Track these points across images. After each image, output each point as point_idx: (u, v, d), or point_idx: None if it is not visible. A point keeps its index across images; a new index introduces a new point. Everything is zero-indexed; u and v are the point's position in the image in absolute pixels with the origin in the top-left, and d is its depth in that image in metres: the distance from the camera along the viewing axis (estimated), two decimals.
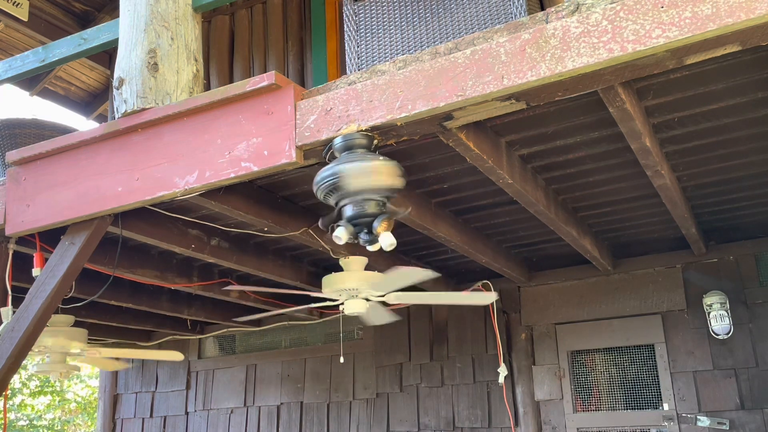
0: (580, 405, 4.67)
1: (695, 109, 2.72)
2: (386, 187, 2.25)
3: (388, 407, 5.25)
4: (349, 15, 3.17)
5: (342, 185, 2.20)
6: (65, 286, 2.87)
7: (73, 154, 2.87)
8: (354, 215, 2.25)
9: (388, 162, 2.24)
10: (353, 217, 2.25)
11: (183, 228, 3.44)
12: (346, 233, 2.24)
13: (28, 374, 12.71)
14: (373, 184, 2.21)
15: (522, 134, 2.85)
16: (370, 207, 2.24)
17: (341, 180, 2.19)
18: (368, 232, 2.25)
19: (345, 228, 2.25)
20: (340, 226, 2.25)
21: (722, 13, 1.78)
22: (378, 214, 2.24)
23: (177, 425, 6.11)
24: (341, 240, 2.25)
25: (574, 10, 1.98)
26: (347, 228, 2.25)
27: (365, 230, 2.25)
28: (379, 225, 2.21)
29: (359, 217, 2.24)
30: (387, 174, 2.22)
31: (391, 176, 2.24)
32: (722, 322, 4.27)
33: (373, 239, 2.25)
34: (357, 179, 2.19)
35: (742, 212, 4.11)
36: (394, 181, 2.25)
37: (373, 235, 2.24)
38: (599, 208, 3.85)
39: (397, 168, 2.26)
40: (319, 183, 2.25)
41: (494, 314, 4.88)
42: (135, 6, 2.83)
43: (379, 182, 2.21)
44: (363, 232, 2.25)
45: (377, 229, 2.22)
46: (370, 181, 2.19)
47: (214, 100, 2.53)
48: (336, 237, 2.25)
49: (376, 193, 2.24)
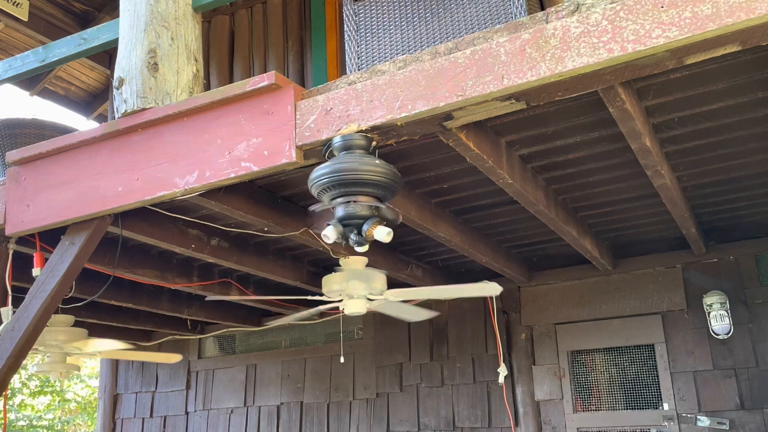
0: (580, 405, 4.67)
1: (695, 109, 2.72)
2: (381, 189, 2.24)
3: (388, 407, 5.25)
4: (349, 15, 3.17)
5: (337, 184, 2.19)
6: (65, 286, 2.87)
7: (73, 154, 2.87)
8: (345, 216, 2.23)
9: (385, 165, 2.23)
10: (344, 218, 2.24)
11: (183, 228, 3.44)
12: (335, 232, 2.22)
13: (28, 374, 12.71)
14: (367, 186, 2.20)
15: (522, 134, 2.85)
16: (362, 209, 2.23)
17: (336, 179, 2.18)
18: (358, 233, 2.23)
19: (334, 227, 2.23)
20: (330, 225, 2.24)
21: (722, 13, 1.78)
22: (369, 216, 2.23)
23: (177, 425, 6.11)
24: (329, 239, 2.23)
25: (574, 10, 1.98)
26: (336, 227, 2.23)
27: (355, 231, 2.23)
28: (369, 228, 2.20)
29: (350, 218, 2.23)
30: (382, 176, 2.22)
31: (387, 178, 2.23)
32: (722, 322, 4.27)
33: (362, 241, 2.23)
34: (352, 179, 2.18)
35: (742, 212, 4.11)
36: (388, 183, 2.24)
37: (362, 237, 2.22)
38: (599, 208, 3.85)
39: (393, 171, 2.26)
40: (314, 180, 2.24)
41: (494, 314, 4.88)
42: (135, 6, 2.83)
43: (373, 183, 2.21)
44: (353, 233, 2.24)
45: (367, 232, 2.20)
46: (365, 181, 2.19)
47: (214, 100, 2.53)
48: (324, 236, 2.24)
49: (369, 195, 2.23)
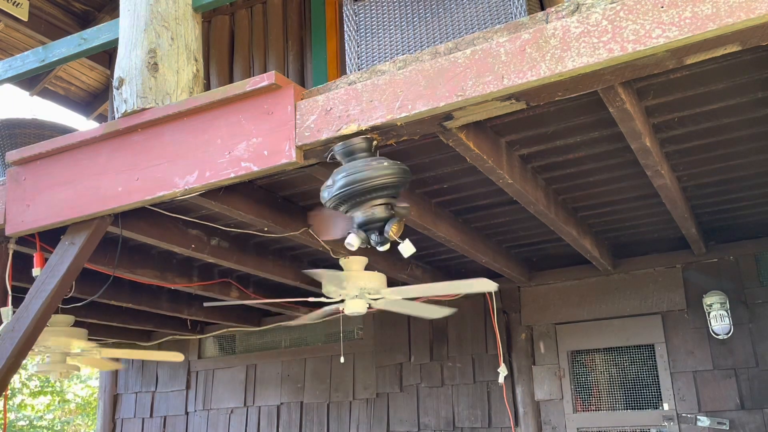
0: (580, 405, 4.67)
1: (695, 109, 2.72)
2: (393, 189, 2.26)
3: (388, 407, 5.25)
4: (349, 15, 3.17)
5: (352, 195, 2.22)
6: (65, 286, 2.87)
7: (73, 154, 2.87)
8: (364, 221, 2.28)
9: (393, 164, 2.25)
10: (364, 223, 2.28)
11: (183, 228, 3.44)
12: (357, 239, 2.27)
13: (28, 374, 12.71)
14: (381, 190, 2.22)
15: (522, 134, 2.85)
16: (379, 212, 2.26)
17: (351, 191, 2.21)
18: (379, 234, 2.28)
19: (356, 235, 2.27)
20: (352, 234, 2.27)
21: (722, 13, 1.78)
22: (388, 218, 2.27)
23: (177, 425, 6.11)
24: (353, 247, 2.27)
25: (574, 10, 1.98)
26: (359, 234, 2.28)
27: (376, 233, 2.28)
28: (391, 229, 2.24)
29: (370, 222, 2.28)
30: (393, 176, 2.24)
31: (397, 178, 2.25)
32: (722, 322, 4.27)
33: (384, 240, 2.28)
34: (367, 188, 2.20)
35: (742, 212, 4.11)
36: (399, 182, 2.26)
37: (383, 237, 2.27)
38: (599, 208, 3.85)
39: (401, 168, 2.28)
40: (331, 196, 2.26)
41: (494, 314, 4.87)
42: (135, 6, 2.83)
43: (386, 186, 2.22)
44: (374, 235, 2.28)
45: (389, 233, 2.25)
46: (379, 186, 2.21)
47: (214, 100, 2.53)
48: (348, 244, 2.28)
49: (384, 197, 2.25)
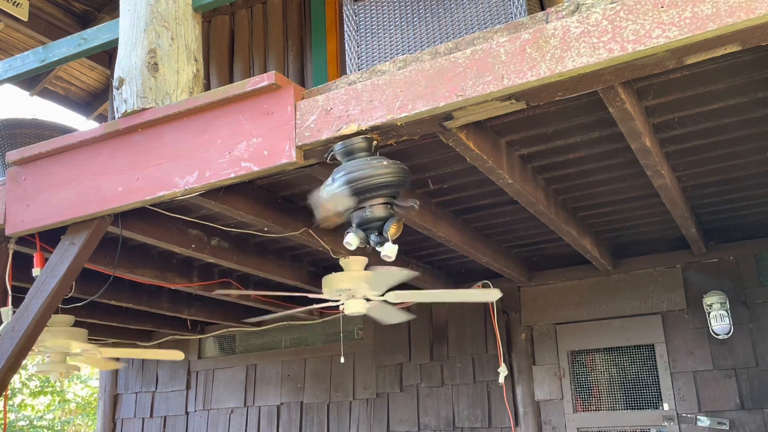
0: (580, 405, 4.67)
1: (695, 109, 2.72)
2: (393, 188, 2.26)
3: (388, 407, 5.25)
4: (349, 15, 3.17)
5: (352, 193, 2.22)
6: (65, 286, 2.87)
7: (73, 154, 2.87)
8: (363, 221, 2.28)
9: (392, 163, 2.25)
10: (363, 223, 2.28)
11: (183, 228, 3.44)
12: (356, 239, 2.27)
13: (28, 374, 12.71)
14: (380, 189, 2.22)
15: (522, 134, 2.85)
16: (378, 211, 2.26)
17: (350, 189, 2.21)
18: (379, 233, 2.28)
19: (355, 234, 2.27)
20: (350, 233, 2.27)
21: (722, 13, 1.78)
22: (387, 217, 2.27)
23: (177, 425, 6.11)
24: (352, 246, 2.27)
25: (574, 10, 1.98)
26: (357, 234, 2.27)
27: (375, 232, 2.28)
28: (390, 228, 2.24)
29: (369, 222, 2.27)
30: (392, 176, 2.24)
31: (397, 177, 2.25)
32: (722, 322, 4.27)
33: (383, 240, 2.28)
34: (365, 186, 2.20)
35: (742, 212, 4.11)
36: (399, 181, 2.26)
37: (383, 237, 2.27)
38: (599, 208, 3.85)
39: (401, 168, 2.28)
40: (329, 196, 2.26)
41: (494, 314, 4.87)
42: (135, 6, 2.83)
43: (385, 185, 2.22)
44: (373, 234, 2.28)
45: (388, 233, 2.25)
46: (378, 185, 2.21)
47: (214, 100, 2.53)
48: (347, 243, 2.28)
49: (383, 196, 2.25)
